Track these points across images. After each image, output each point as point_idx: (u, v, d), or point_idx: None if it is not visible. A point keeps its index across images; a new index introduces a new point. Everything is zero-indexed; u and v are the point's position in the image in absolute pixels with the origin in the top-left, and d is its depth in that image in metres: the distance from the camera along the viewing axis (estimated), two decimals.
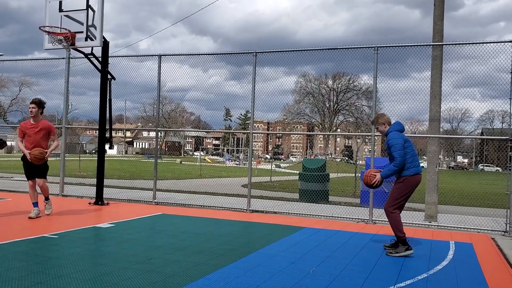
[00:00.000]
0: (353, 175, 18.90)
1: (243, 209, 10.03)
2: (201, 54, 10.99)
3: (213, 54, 10.89)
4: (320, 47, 9.64)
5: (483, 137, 13.01)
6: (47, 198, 8.37)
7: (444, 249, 6.60)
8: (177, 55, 10.97)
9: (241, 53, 10.36)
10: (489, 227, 8.69)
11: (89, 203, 10.14)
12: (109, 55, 10.39)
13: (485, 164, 46.76)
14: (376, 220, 9.06)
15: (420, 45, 9.28)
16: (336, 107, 61.22)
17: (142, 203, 10.70)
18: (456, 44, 9.03)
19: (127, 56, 11.85)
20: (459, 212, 11.03)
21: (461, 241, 7.29)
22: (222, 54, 10.71)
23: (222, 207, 10.32)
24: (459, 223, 8.82)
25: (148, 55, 11.33)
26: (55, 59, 12.25)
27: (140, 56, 11.84)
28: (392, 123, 6.33)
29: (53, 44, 9.67)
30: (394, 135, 6.12)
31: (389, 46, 9.08)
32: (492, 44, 8.47)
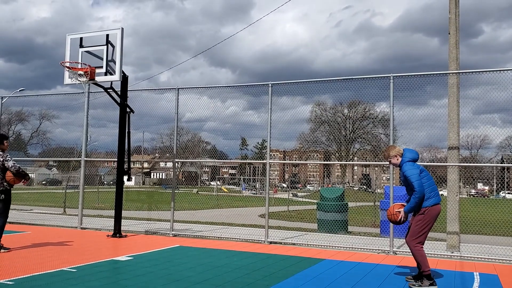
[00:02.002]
0: (372, 203, 18.66)
1: (261, 241, 9.93)
2: (218, 86, 11.15)
3: (229, 86, 11.03)
4: (337, 76, 9.69)
5: (506, 165, 12.68)
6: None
7: (469, 281, 6.42)
8: (194, 87, 11.15)
9: (257, 84, 10.49)
10: None
11: (107, 236, 10.16)
12: (128, 88, 10.61)
13: (507, 191, 45.77)
14: (397, 251, 8.88)
15: (436, 74, 9.28)
16: (352, 135, 60.94)
17: (159, 235, 10.69)
18: (471, 72, 9.01)
19: (146, 90, 12.07)
20: (482, 241, 10.76)
21: (486, 273, 7.08)
22: (239, 85, 10.86)
23: (240, 239, 10.24)
24: (483, 253, 8.59)
25: (166, 88, 11.54)
26: (75, 93, 12.56)
27: (158, 89, 12.06)
28: (403, 152, 6.23)
29: (73, 79, 9.92)
30: (408, 166, 6.01)
31: (405, 75, 9.09)
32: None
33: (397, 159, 6.21)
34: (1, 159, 7.73)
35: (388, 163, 6.45)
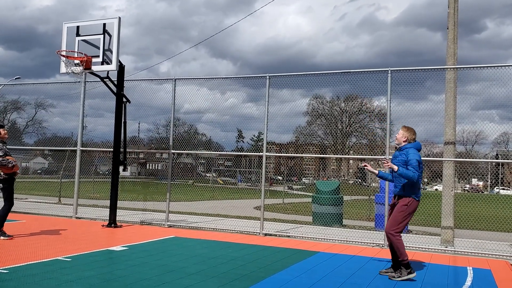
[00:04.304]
0: (367, 197, 18.71)
1: (256, 233, 9.95)
2: (215, 78, 11.10)
3: (227, 77, 10.99)
4: (337, 69, 9.66)
5: (501, 160, 12.78)
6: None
7: (462, 276, 6.46)
8: (191, 78, 11.10)
9: (254, 76, 10.46)
10: (507, 252, 8.49)
11: (102, 226, 10.16)
12: (126, 78, 10.55)
13: (501, 187, 46.00)
14: None
15: (433, 69, 9.27)
16: (349, 129, 60.98)
17: (154, 226, 10.69)
18: (468, 67, 9.01)
19: (143, 80, 11.99)
20: (476, 236, 10.82)
21: (479, 267, 7.13)
22: (236, 77, 10.83)
23: (235, 230, 10.26)
24: (476, 248, 8.64)
25: (163, 79, 11.48)
26: (70, 82, 12.46)
27: (155, 79, 11.98)
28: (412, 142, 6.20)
29: (69, 68, 9.85)
30: (413, 150, 6.03)
31: (402, 70, 9.08)
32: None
33: (404, 139, 6.18)
34: None
35: (384, 158, 6.45)
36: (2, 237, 7.79)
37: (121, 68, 10.24)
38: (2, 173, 7.92)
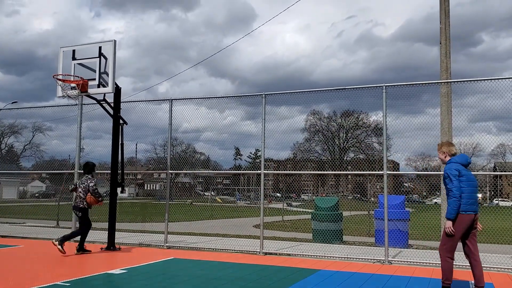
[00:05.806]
0: (366, 212, 18.67)
1: (256, 252, 9.89)
2: (212, 98, 11.16)
3: (224, 97, 11.05)
4: (336, 86, 9.74)
5: (499, 173, 12.83)
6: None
7: None
8: (188, 98, 11.15)
9: (250, 95, 10.53)
10: (509, 265, 8.44)
11: (101, 249, 10.09)
12: (123, 99, 10.60)
13: (500, 199, 45.98)
14: (392, 260, 8.86)
15: (428, 83, 9.35)
16: (346, 144, 61.19)
17: (153, 247, 10.62)
18: (461, 81, 9.09)
19: (139, 101, 12.02)
20: None
21: None
22: (233, 96, 10.88)
23: (235, 250, 10.19)
24: None
25: (160, 100, 11.51)
26: (66, 105, 12.47)
27: (151, 100, 12.03)
28: (453, 155, 6.10)
29: (66, 91, 9.89)
30: (449, 165, 5.94)
31: (397, 85, 9.14)
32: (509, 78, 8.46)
33: (444, 156, 6.12)
34: (89, 182, 9.36)
35: (382, 173, 6.46)
36: (86, 253, 9.29)
37: (117, 90, 10.29)
38: (85, 202, 9.15)
